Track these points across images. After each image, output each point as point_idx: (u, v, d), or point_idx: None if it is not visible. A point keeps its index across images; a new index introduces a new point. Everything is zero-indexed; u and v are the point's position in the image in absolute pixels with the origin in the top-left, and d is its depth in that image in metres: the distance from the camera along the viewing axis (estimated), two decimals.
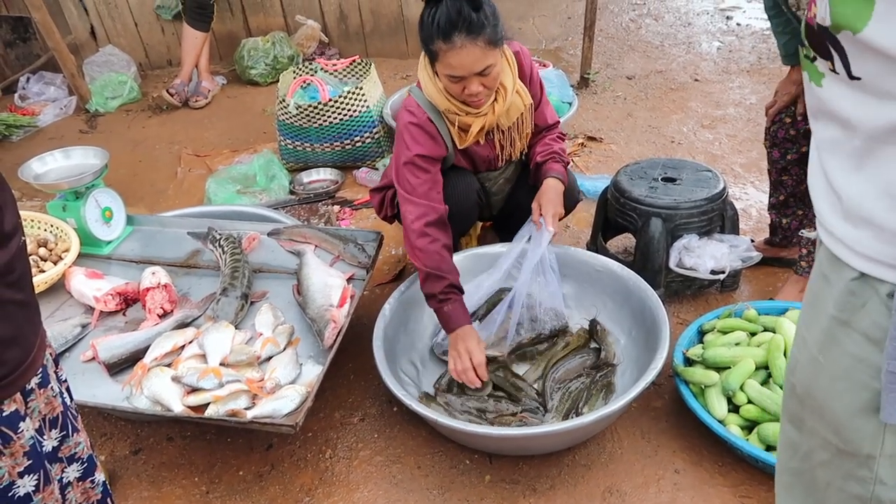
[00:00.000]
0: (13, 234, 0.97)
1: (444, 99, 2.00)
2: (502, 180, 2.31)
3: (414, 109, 2.05)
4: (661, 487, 1.83)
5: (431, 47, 1.89)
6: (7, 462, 0.99)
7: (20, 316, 1.00)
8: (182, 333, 1.97)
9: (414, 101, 2.06)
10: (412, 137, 2.04)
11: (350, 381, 2.25)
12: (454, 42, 1.83)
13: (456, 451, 1.96)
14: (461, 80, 1.91)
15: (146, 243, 2.47)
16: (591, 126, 3.83)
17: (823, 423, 0.94)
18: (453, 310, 1.97)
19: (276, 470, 1.96)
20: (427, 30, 1.87)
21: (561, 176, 2.18)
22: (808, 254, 2.25)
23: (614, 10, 5.63)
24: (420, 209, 2.00)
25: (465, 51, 1.84)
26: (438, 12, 1.82)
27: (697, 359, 1.98)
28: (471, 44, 1.83)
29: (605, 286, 2.25)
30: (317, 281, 2.09)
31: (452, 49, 1.84)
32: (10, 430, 0.99)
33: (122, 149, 4.04)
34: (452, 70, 1.89)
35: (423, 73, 2.04)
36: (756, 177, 3.20)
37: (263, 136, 4.03)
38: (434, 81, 2.01)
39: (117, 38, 5.09)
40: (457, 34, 1.82)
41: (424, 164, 2.03)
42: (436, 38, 1.85)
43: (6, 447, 0.98)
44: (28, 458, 1.02)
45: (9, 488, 1.01)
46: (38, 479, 1.05)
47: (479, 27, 1.82)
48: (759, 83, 4.22)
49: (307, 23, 4.84)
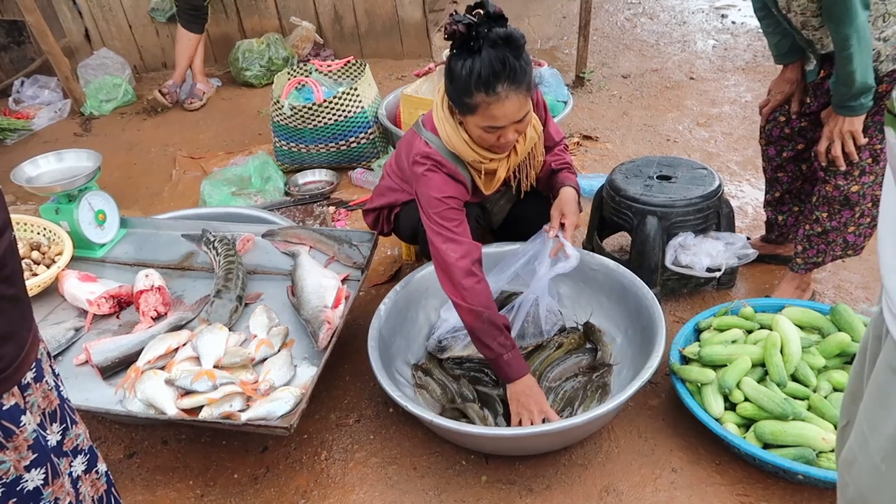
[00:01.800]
0: (3, 230, 0.97)
1: (470, 151, 1.91)
2: (503, 201, 2.30)
3: (440, 159, 1.93)
4: (659, 486, 1.82)
5: (468, 100, 1.76)
6: (11, 456, 0.99)
7: (13, 311, 0.99)
8: (176, 336, 1.96)
9: (436, 151, 1.94)
10: (445, 181, 1.93)
11: (345, 383, 2.24)
12: (499, 94, 1.72)
13: (452, 452, 1.95)
14: (499, 130, 1.81)
15: (140, 246, 2.46)
16: (587, 125, 3.83)
17: None
18: (513, 358, 1.87)
19: (272, 472, 1.95)
20: (462, 82, 1.74)
21: (574, 185, 2.15)
22: (803, 251, 2.25)
23: (609, 10, 5.64)
24: (463, 248, 1.88)
25: (510, 101, 1.74)
26: (478, 63, 1.70)
27: (694, 357, 1.97)
28: (514, 93, 1.73)
29: (601, 285, 2.25)
30: (311, 282, 2.08)
31: (497, 101, 1.73)
32: (12, 424, 0.99)
33: (117, 151, 4.03)
34: (494, 121, 1.78)
35: (445, 124, 1.92)
36: (752, 174, 3.20)
37: (258, 137, 4.02)
38: (458, 133, 1.90)
39: (111, 41, 5.08)
40: (501, 85, 1.71)
41: (458, 206, 1.95)
42: (475, 91, 1.73)
43: (9, 440, 0.98)
44: (33, 452, 1.02)
45: (16, 482, 1.01)
46: (46, 472, 1.05)
47: (521, 75, 1.74)
48: (754, 81, 4.22)
49: (302, 24, 4.83)
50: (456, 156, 1.96)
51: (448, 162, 1.94)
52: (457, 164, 1.96)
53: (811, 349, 1.95)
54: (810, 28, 1.96)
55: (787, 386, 1.85)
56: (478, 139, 1.88)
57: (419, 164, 1.95)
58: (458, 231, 1.91)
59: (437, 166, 1.93)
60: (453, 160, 1.96)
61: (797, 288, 2.34)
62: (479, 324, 1.85)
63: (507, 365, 1.87)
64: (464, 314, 1.88)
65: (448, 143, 1.94)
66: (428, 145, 1.97)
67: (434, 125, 1.97)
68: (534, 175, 2.19)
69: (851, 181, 2.05)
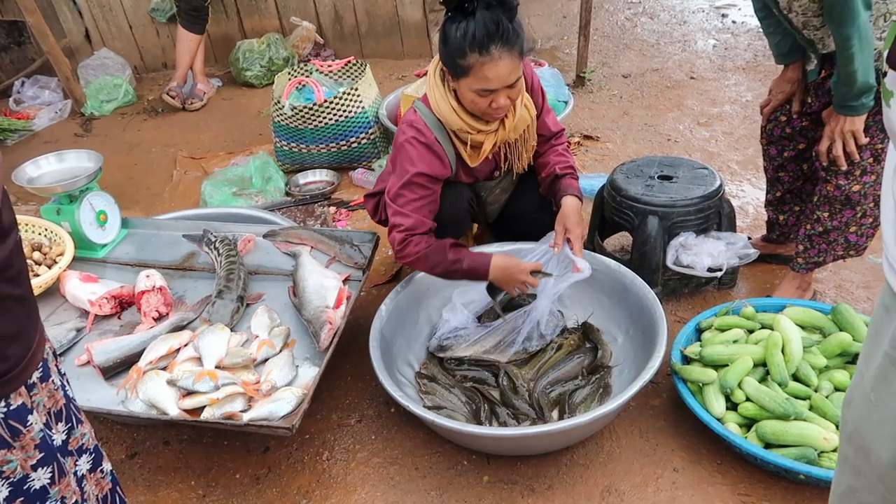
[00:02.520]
0: (10, 231, 0.97)
1: (458, 118, 1.94)
2: (498, 190, 2.29)
3: (421, 128, 1.97)
4: (660, 486, 1.82)
5: (462, 62, 1.80)
6: (18, 455, 1.00)
7: (20, 311, 1.00)
8: (177, 336, 1.96)
9: (420, 119, 1.98)
10: (419, 155, 1.97)
11: (347, 383, 2.24)
12: (492, 54, 1.76)
13: (454, 452, 1.96)
14: (491, 94, 1.84)
15: (141, 246, 2.46)
16: (588, 125, 3.82)
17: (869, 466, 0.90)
18: (472, 258, 2.02)
19: (273, 473, 1.95)
20: (456, 43, 1.78)
21: (577, 192, 2.15)
22: (804, 250, 2.25)
23: (610, 9, 5.64)
24: (410, 221, 1.97)
25: (503, 62, 1.78)
26: (472, 24, 1.75)
27: (695, 357, 1.97)
28: (507, 54, 1.77)
29: (602, 285, 2.24)
30: (313, 282, 2.09)
31: (491, 61, 1.77)
32: (19, 424, 0.99)
33: (118, 152, 4.03)
34: (487, 83, 1.81)
35: (435, 91, 1.95)
36: (753, 174, 3.20)
37: (259, 137, 4.02)
38: (447, 100, 1.93)
39: (112, 42, 5.08)
40: (494, 46, 1.75)
41: (427, 183, 1.98)
42: (469, 52, 1.77)
43: (16, 440, 0.99)
44: (40, 451, 1.03)
45: (23, 481, 1.01)
46: (53, 471, 1.05)
47: (514, 37, 1.77)
48: (755, 80, 4.22)
49: (302, 24, 4.83)
50: (441, 126, 1.99)
51: (429, 131, 1.98)
52: (439, 135, 1.99)
53: (812, 349, 1.95)
54: (811, 28, 1.96)
55: (789, 386, 1.85)
56: (470, 104, 1.91)
57: (401, 133, 2.02)
58: (411, 207, 1.99)
59: (416, 137, 1.98)
60: (437, 130, 1.98)
61: (798, 288, 2.34)
62: (431, 266, 2.01)
63: (472, 268, 2.02)
64: (419, 268, 2.05)
65: (436, 109, 1.97)
66: (415, 112, 2.02)
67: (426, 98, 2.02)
68: (526, 158, 2.20)
69: (853, 181, 2.05)
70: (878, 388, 0.87)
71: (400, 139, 2.01)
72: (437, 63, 1.97)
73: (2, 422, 0.97)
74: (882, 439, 0.87)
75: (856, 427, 0.93)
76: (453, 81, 1.90)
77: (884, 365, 0.85)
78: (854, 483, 0.95)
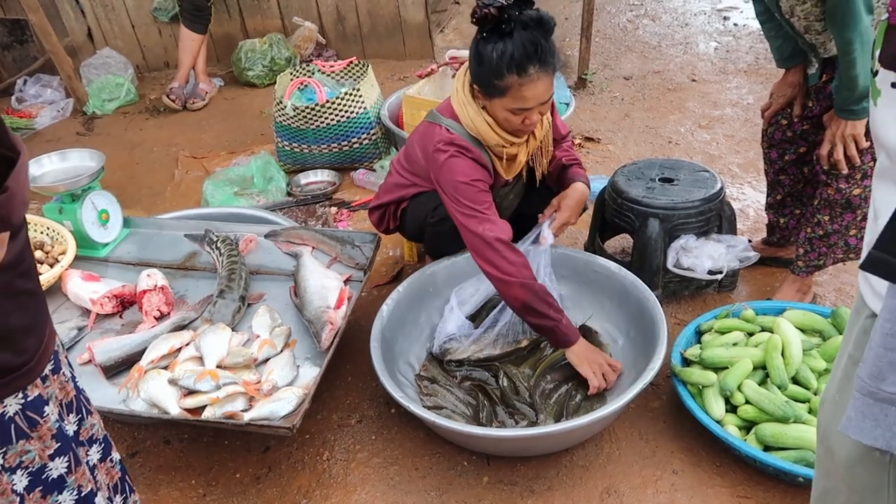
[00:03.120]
0: (21, 226, 0.99)
1: (495, 134, 1.94)
2: (512, 195, 2.30)
3: (465, 144, 1.94)
4: (660, 488, 1.82)
5: (499, 82, 1.79)
6: (36, 445, 1.02)
7: (33, 304, 1.02)
8: (179, 336, 1.96)
9: (459, 137, 1.95)
10: (471, 165, 1.94)
11: (348, 383, 2.24)
12: (531, 75, 1.76)
13: (454, 453, 1.96)
14: (525, 111, 1.84)
15: (143, 245, 2.47)
16: (589, 126, 3.83)
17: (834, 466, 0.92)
18: (568, 321, 1.94)
19: (274, 472, 1.96)
20: (493, 64, 1.77)
21: (585, 180, 2.17)
22: (804, 253, 2.25)
23: (612, 11, 5.64)
24: (499, 226, 1.92)
25: (540, 82, 1.78)
26: (510, 45, 1.73)
27: (695, 359, 1.98)
28: (544, 74, 1.78)
29: (602, 287, 2.25)
30: (314, 283, 2.09)
31: (529, 82, 1.77)
32: (36, 414, 1.01)
33: (120, 151, 4.03)
34: (524, 103, 1.81)
35: (468, 108, 1.94)
36: (753, 177, 3.20)
37: (261, 137, 4.03)
38: (481, 116, 1.92)
39: (114, 41, 5.09)
40: (532, 66, 1.75)
41: (486, 189, 1.97)
42: (507, 73, 1.76)
43: (34, 430, 1.01)
44: (56, 441, 1.05)
45: (41, 471, 1.03)
46: (69, 460, 1.07)
47: (551, 56, 1.77)
48: (756, 83, 4.23)
49: (304, 24, 4.84)
50: (478, 141, 1.98)
51: (473, 147, 1.96)
52: (479, 149, 1.98)
53: (812, 352, 1.95)
54: (813, 32, 1.96)
55: (788, 388, 1.86)
56: (503, 122, 1.91)
57: (442, 152, 1.95)
58: (490, 211, 1.94)
59: (462, 151, 1.95)
60: (475, 145, 1.97)
61: (798, 291, 2.34)
62: (532, 296, 1.87)
63: (567, 327, 1.92)
64: (514, 290, 1.88)
65: (471, 127, 1.95)
66: (450, 132, 1.97)
67: (453, 112, 1.99)
68: (545, 163, 2.21)
69: (853, 184, 2.05)
70: (842, 389, 0.88)
71: (441, 158, 1.95)
72: (464, 79, 1.96)
73: (20, 413, 0.99)
74: (841, 440, 0.88)
75: (824, 429, 0.95)
76: (484, 99, 1.89)
77: (847, 366, 0.87)
78: (827, 484, 0.97)
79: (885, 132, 0.77)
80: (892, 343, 0.75)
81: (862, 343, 0.83)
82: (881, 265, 0.75)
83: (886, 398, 0.76)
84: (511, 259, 1.89)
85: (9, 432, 0.98)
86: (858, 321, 0.86)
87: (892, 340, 0.75)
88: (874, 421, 0.77)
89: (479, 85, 1.88)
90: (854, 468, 0.88)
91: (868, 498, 0.88)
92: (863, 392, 0.78)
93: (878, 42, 0.79)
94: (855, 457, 0.87)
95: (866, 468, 0.86)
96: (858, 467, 0.87)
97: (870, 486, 0.87)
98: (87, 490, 1.11)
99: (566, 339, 1.93)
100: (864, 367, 0.78)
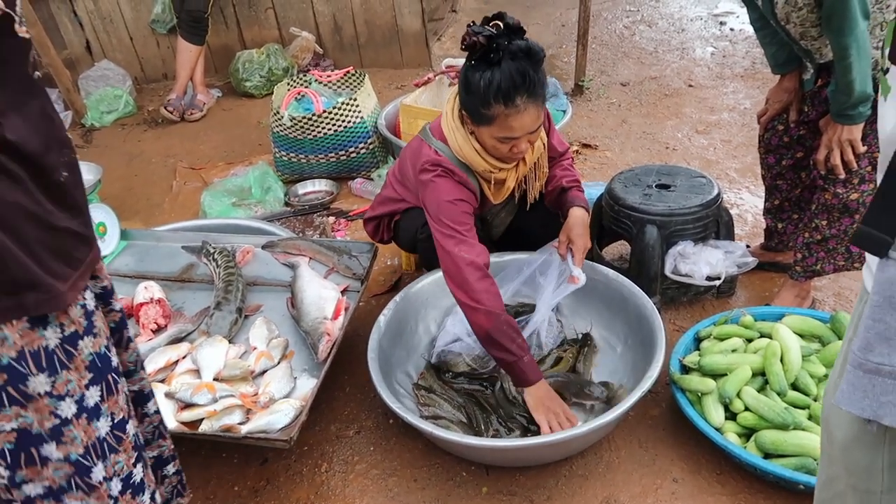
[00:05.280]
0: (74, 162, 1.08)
1: (482, 160, 1.93)
2: (504, 213, 2.29)
3: (450, 167, 1.93)
4: (660, 497, 1.81)
5: (485, 111, 1.78)
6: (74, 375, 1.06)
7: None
8: (176, 349, 1.96)
9: (446, 159, 1.95)
10: (455, 186, 1.93)
11: (346, 394, 2.23)
12: (518, 105, 1.74)
13: (452, 463, 1.95)
14: (512, 140, 1.83)
15: (140, 258, 2.47)
16: (586, 133, 3.83)
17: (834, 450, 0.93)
18: (531, 360, 1.86)
19: (272, 485, 1.95)
20: (481, 94, 1.75)
21: (586, 206, 2.14)
22: (802, 258, 2.25)
23: (608, 18, 5.65)
24: (476, 250, 1.88)
25: (527, 113, 1.76)
26: (498, 75, 1.72)
27: (694, 366, 1.97)
28: (532, 105, 1.76)
29: (600, 294, 2.24)
30: (311, 293, 2.09)
31: (516, 112, 1.75)
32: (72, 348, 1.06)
33: (118, 163, 4.04)
34: (511, 132, 1.80)
35: (456, 134, 1.93)
36: (751, 181, 3.20)
37: (259, 148, 4.03)
38: (469, 142, 1.91)
39: (113, 53, 5.10)
40: (520, 97, 1.73)
41: (468, 210, 1.95)
42: (494, 103, 1.75)
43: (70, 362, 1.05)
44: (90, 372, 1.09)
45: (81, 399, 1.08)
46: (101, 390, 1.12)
47: (539, 87, 1.76)
48: (753, 88, 4.23)
49: (302, 34, 4.85)
50: (465, 165, 1.96)
51: (458, 170, 1.95)
52: (466, 173, 1.97)
53: (811, 358, 1.94)
54: (809, 38, 1.96)
55: (788, 395, 1.85)
56: (490, 149, 1.90)
57: (427, 171, 1.95)
58: (470, 234, 1.90)
59: (447, 172, 1.94)
60: (462, 169, 1.96)
61: (797, 296, 2.34)
62: (497, 326, 1.81)
63: (528, 366, 1.84)
64: (479, 318, 1.83)
65: (459, 152, 1.94)
66: (438, 153, 1.96)
67: (443, 134, 1.98)
68: (538, 186, 2.18)
69: (851, 189, 2.05)
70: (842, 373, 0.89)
71: (426, 177, 1.95)
72: (454, 104, 1.95)
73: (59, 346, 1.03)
74: (841, 422, 0.90)
75: (826, 415, 0.96)
76: (472, 125, 1.88)
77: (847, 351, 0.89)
78: (829, 472, 0.98)
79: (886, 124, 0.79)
80: (879, 314, 0.78)
81: None
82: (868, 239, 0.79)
83: (873, 368, 0.79)
84: (481, 286, 1.83)
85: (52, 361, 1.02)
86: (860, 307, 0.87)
87: (878, 312, 0.78)
88: (863, 392, 0.80)
89: (467, 112, 1.87)
90: (850, 449, 0.89)
91: (863, 479, 0.89)
92: (854, 364, 0.81)
93: (888, 40, 0.80)
94: (851, 437, 0.88)
95: (861, 448, 0.87)
96: (854, 448, 0.88)
97: (864, 467, 0.88)
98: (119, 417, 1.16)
99: (526, 378, 1.85)
100: (856, 341, 0.81)
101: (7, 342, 0.97)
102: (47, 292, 0.99)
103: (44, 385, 1.01)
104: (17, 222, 0.95)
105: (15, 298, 0.96)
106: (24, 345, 0.99)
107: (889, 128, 0.79)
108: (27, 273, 0.97)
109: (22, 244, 0.96)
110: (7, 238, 0.94)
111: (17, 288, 0.96)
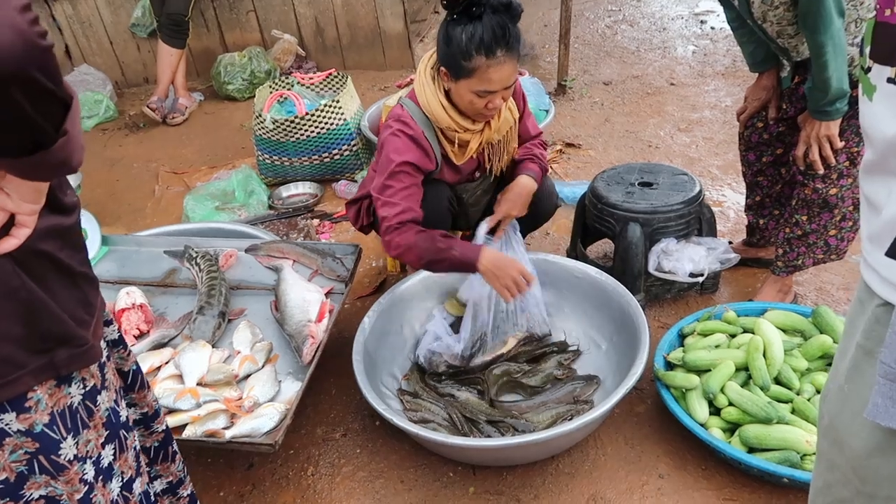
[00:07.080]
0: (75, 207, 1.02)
1: (447, 116, 1.96)
2: (479, 192, 2.30)
3: (408, 121, 1.99)
4: (646, 493, 1.82)
5: (466, 63, 1.83)
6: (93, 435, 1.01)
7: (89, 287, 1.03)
8: (158, 354, 1.94)
9: (407, 114, 2.00)
10: (405, 145, 1.97)
11: (331, 397, 2.22)
12: (498, 57, 1.81)
13: (439, 464, 1.95)
14: (490, 95, 1.88)
15: (122, 263, 2.44)
16: (569, 132, 3.84)
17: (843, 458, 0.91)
18: (461, 246, 1.98)
19: (258, 489, 1.94)
20: (462, 46, 1.81)
21: (535, 175, 2.19)
22: (784, 254, 2.27)
23: (590, 17, 5.68)
24: (398, 208, 1.95)
25: (506, 65, 1.83)
26: (479, 28, 1.79)
27: (678, 362, 1.98)
28: (510, 58, 1.83)
29: (584, 293, 2.25)
30: (294, 296, 2.08)
31: (497, 64, 1.81)
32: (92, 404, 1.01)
33: (100, 168, 4.00)
34: (490, 85, 1.85)
35: (426, 88, 1.98)
36: (733, 178, 3.22)
37: (242, 151, 4.01)
38: (437, 97, 1.96)
39: (92, 57, 5.06)
40: (500, 49, 1.80)
41: (413, 172, 1.99)
42: (475, 55, 1.80)
43: (90, 419, 1.00)
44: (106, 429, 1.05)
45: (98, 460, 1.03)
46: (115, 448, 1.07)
47: (516, 42, 1.83)
48: (734, 86, 4.26)
49: (283, 37, 4.83)
50: (428, 122, 2.01)
51: (416, 125, 1.99)
52: (426, 130, 2.00)
53: (794, 352, 1.96)
54: (786, 36, 1.98)
55: (771, 389, 1.86)
56: (467, 105, 1.93)
57: (387, 127, 2.02)
58: (401, 196, 1.96)
59: (402, 129, 1.99)
60: (424, 125, 2.00)
61: (779, 291, 2.36)
62: (420, 255, 1.95)
63: (463, 255, 1.96)
64: (407, 259, 1.99)
65: (426, 107, 1.99)
66: (402, 108, 2.03)
67: (415, 95, 2.03)
68: (507, 160, 2.23)
69: (830, 184, 2.07)
70: (852, 379, 0.88)
71: (385, 133, 2.02)
72: (428, 61, 2.00)
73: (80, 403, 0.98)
74: (855, 430, 0.88)
75: (831, 420, 0.94)
76: (450, 81, 1.92)
77: (857, 356, 0.87)
78: (829, 478, 0.97)
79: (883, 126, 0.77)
80: None
81: (874, 332, 0.83)
82: None
83: None
84: (402, 241, 1.95)
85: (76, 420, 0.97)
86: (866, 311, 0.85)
87: None
88: None
89: (445, 66, 1.91)
90: (872, 458, 0.87)
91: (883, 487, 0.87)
92: (889, 378, 0.78)
93: (867, 39, 0.79)
94: (873, 446, 0.86)
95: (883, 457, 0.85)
96: (877, 457, 0.86)
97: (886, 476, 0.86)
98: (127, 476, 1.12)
99: (469, 262, 1.97)
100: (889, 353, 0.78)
101: (41, 406, 0.89)
102: (78, 346, 0.93)
103: (72, 448, 0.95)
104: (45, 272, 0.88)
105: (47, 356, 0.89)
106: (53, 406, 0.91)
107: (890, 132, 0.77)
108: (59, 325, 0.90)
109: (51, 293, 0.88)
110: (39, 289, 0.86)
111: (47, 344, 0.89)
